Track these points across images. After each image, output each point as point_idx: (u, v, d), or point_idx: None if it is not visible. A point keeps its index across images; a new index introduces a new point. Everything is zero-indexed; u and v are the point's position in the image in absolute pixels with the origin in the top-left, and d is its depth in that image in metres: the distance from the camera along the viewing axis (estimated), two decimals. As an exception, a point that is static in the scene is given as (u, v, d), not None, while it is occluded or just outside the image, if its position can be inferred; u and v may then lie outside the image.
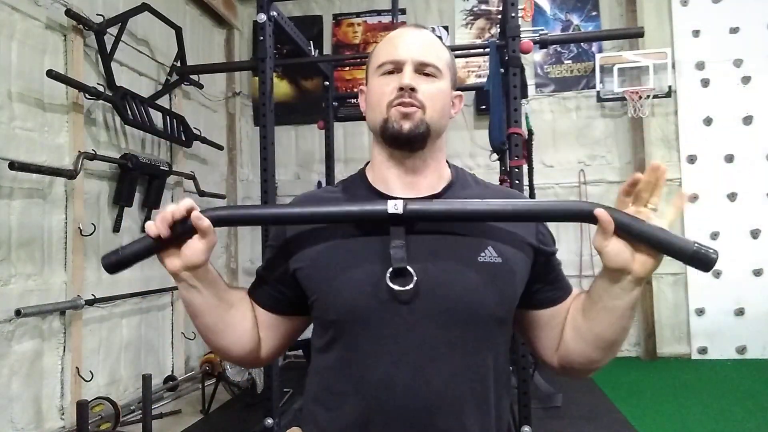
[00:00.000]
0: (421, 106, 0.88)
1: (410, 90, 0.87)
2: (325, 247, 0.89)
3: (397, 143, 0.89)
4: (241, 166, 4.98)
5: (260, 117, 2.82)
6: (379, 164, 0.95)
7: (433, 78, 0.91)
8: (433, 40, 0.94)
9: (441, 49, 0.94)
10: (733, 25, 4.40)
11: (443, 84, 0.92)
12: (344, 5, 5.01)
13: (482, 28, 4.78)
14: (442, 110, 0.92)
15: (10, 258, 2.54)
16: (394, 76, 0.89)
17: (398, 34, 0.94)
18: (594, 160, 4.61)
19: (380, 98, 0.90)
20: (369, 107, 0.93)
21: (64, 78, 2.76)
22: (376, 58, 0.94)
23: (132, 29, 3.44)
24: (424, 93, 0.88)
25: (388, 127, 0.88)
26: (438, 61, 0.91)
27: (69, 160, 2.86)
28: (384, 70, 0.91)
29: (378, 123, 0.90)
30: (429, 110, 0.88)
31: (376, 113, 0.91)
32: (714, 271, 4.31)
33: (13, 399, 2.53)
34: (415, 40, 0.92)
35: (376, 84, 0.92)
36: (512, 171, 2.73)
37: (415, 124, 0.87)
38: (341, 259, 0.87)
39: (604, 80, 4.39)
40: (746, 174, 4.33)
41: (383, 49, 0.94)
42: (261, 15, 2.75)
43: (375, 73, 0.93)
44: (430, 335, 0.83)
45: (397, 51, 0.91)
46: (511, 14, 2.75)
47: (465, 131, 4.72)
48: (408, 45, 0.91)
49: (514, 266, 0.89)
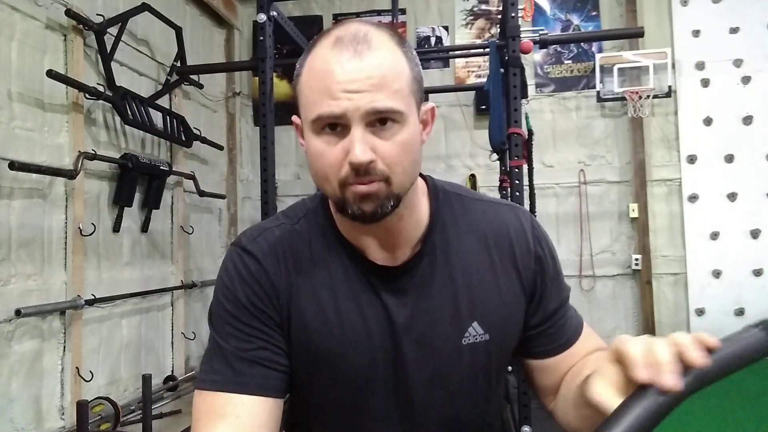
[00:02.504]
0: (384, 177, 0.67)
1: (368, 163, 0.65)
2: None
3: (360, 221, 0.71)
4: (241, 166, 4.97)
5: (260, 117, 2.82)
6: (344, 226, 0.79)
7: (393, 124, 0.67)
8: (385, 63, 0.66)
9: (397, 70, 0.67)
10: (733, 25, 4.40)
11: (408, 129, 0.68)
12: (344, 5, 5.01)
13: (482, 28, 4.77)
14: (412, 165, 0.70)
15: (10, 258, 2.54)
16: (339, 138, 0.66)
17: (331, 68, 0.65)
18: (594, 160, 4.61)
19: (327, 173, 0.68)
20: (314, 173, 0.71)
21: (64, 78, 2.76)
22: (308, 105, 0.68)
23: (132, 29, 3.43)
24: (386, 158, 0.66)
25: (346, 209, 0.69)
26: (397, 100, 0.66)
27: (69, 160, 2.86)
28: (322, 125, 0.67)
29: (331, 198, 0.71)
30: (395, 177, 0.68)
31: (326, 187, 0.70)
32: (714, 271, 4.31)
33: (13, 399, 2.53)
34: (360, 75, 0.64)
35: (316, 147, 0.68)
36: (512, 171, 2.73)
37: (380, 204, 0.68)
38: None
39: (604, 80, 4.39)
40: (746, 174, 4.32)
41: (315, 91, 0.67)
42: (261, 15, 2.75)
43: (310, 128, 0.69)
44: None
45: (337, 100, 0.64)
46: (511, 14, 2.75)
47: (465, 131, 4.72)
48: (351, 87, 0.64)
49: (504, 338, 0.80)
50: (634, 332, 4.44)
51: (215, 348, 0.76)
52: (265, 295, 0.76)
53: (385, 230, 0.76)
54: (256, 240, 0.79)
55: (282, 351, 0.76)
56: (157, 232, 3.71)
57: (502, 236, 0.81)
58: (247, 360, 0.74)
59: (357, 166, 0.65)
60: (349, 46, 0.66)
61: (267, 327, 0.76)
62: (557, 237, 4.51)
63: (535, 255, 0.81)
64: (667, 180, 4.44)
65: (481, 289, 0.78)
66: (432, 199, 0.81)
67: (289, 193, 4.59)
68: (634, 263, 4.40)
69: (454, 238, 0.80)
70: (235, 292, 0.76)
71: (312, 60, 0.69)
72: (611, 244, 4.52)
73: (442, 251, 0.79)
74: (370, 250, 0.78)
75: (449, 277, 0.78)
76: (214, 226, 4.61)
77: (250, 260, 0.77)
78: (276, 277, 0.77)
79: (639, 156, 4.43)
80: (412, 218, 0.78)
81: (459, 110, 4.68)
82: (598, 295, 4.51)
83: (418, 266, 0.78)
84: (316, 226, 0.80)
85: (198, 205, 4.29)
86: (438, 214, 0.80)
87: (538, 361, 0.84)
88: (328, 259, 0.78)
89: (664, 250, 4.44)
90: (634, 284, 4.47)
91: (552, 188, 4.58)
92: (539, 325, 0.83)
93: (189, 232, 4.01)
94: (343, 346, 0.76)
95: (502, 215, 0.83)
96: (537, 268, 0.82)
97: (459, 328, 0.77)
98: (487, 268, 0.80)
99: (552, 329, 0.82)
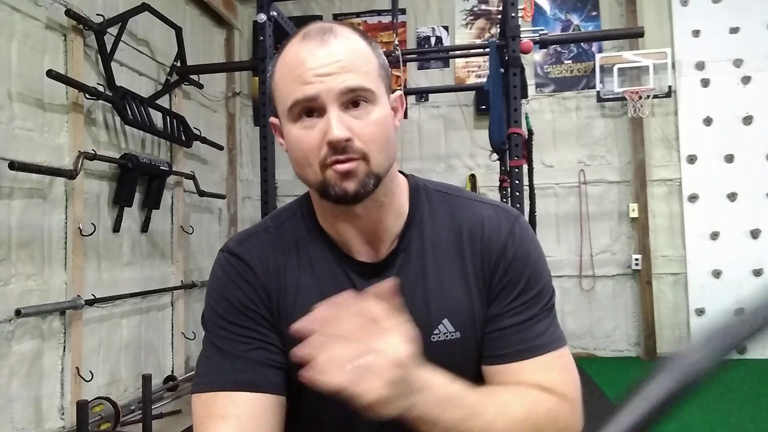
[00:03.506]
0: (362, 155, 0.69)
1: (345, 141, 0.68)
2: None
3: (344, 202, 0.72)
4: (241, 166, 4.98)
5: (260, 117, 2.83)
6: (327, 213, 0.79)
7: (366, 105, 0.70)
8: (352, 48, 0.71)
9: (364, 56, 0.72)
10: (733, 25, 4.40)
11: (380, 108, 0.71)
12: (344, 5, 5.01)
13: (482, 28, 4.77)
14: (387, 144, 0.73)
15: (10, 258, 2.54)
16: (316, 121, 0.69)
17: (302, 58, 0.69)
18: (594, 160, 4.61)
19: (307, 156, 0.70)
20: (295, 162, 0.74)
21: (64, 78, 2.76)
22: (283, 95, 0.72)
23: (132, 29, 3.44)
24: (362, 137, 0.69)
25: (329, 191, 0.71)
26: (367, 80, 0.70)
27: (69, 160, 2.86)
28: (298, 111, 0.70)
29: (313, 184, 0.73)
30: (372, 155, 0.70)
31: (308, 173, 0.72)
32: (714, 271, 4.31)
33: (13, 399, 2.53)
34: (329, 59, 0.68)
35: (294, 135, 0.71)
36: (512, 171, 2.73)
37: (361, 181, 0.70)
38: None
39: (604, 80, 4.39)
40: (746, 174, 4.33)
41: (288, 81, 0.70)
42: (261, 15, 2.76)
43: (287, 117, 0.71)
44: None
45: (309, 84, 0.68)
46: (511, 14, 2.76)
47: (465, 131, 4.72)
48: (321, 71, 0.68)
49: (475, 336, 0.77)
50: (635, 332, 4.45)
51: (211, 351, 0.75)
52: (256, 296, 0.77)
53: (367, 220, 0.76)
54: (243, 243, 0.81)
55: (279, 349, 0.76)
56: (157, 232, 3.71)
57: (476, 231, 0.79)
58: (246, 359, 0.73)
59: (335, 144, 0.68)
60: (317, 37, 0.70)
61: (261, 327, 0.76)
62: (557, 237, 4.51)
63: (500, 250, 0.78)
64: (667, 180, 4.45)
65: (453, 286, 0.77)
66: (412, 196, 0.82)
67: (289, 193, 4.58)
68: (634, 263, 4.40)
69: (429, 233, 0.79)
70: (226, 296, 0.77)
71: (283, 57, 0.73)
72: (611, 244, 4.53)
73: (418, 247, 0.79)
74: (354, 245, 0.78)
75: (422, 274, 0.78)
76: (214, 226, 4.61)
77: (238, 263, 0.78)
78: (265, 278, 0.78)
79: (639, 156, 4.43)
80: (392, 209, 0.79)
81: (459, 110, 4.69)
82: (598, 295, 4.51)
83: (395, 262, 0.78)
84: (302, 226, 0.81)
85: (198, 205, 4.29)
86: (417, 210, 0.81)
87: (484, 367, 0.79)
88: (313, 258, 0.79)
89: (664, 250, 4.44)
90: (634, 284, 4.47)
91: (552, 188, 4.58)
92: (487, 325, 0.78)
93: (189, 232, 4.01)
94: None
95: (483, 212, 0.81)
96: (497, 262, 0.78)
97: (429, 325, 0.75)
98: (459, 264, 0.78)
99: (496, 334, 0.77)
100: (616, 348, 4.47)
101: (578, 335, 4.47)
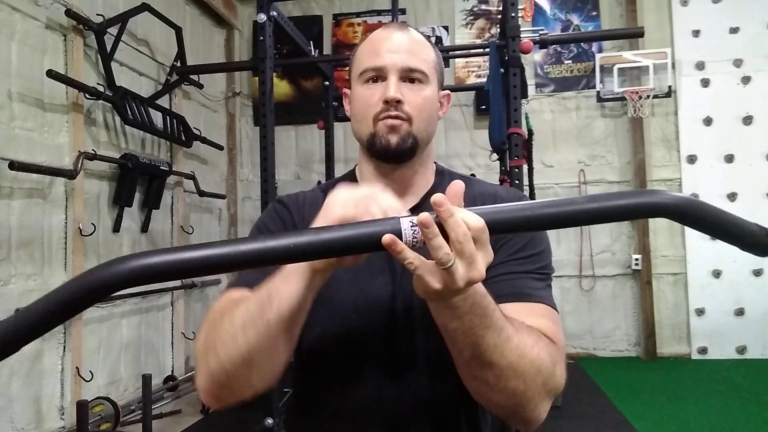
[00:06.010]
0: (408, 118, 0.86)
1: (396, 102, 0.84)
2: None
3: (385, 157, 0.87)
4: (241, 166, 4.98)
5: (260, 117, 2.82)
6: (367, 175, 0.93)
7: (420, 84, 0.88)
8: (419, 41, 0.90)
9: (427, 50, 0.90)
10: (733, 25, 4.40)
11: (430, 90, 0.89)
12: (344, 5, 5.01)
13: (482, 28, 4.77)
14: (429, 119, 0.89)
15: (10, 258, 2.54)
16: (379, 85, 0.86)
17: (381, 37, 0.89)
18: (594, 160, 4.61)
19: (366, 110, 0.87)
20: (354, 118, 0.91)
21: (64, 78, 2.76)
22: (359, 63, 0.90)
23: (132, 29, 3.44)
24: (411, 103, 0.86)
25: (375, 141, 0.86)
26: (424, 65, 0.88)
27: (69, 160, 2.86)
28: (367, 77, 0.88)
29: (365, 136, 0.88)
30: (416, 121, 0.86)
31: (363, 126, 0.88)
32: (714, 271, 4.31)
33: (13, 399, 2.53)
34: (400, 43, 0.88)
35: (360, 93, 0.89)
36: (512, 171, 2.73)
37: (402, 137, 0.85)
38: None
39: (604, 80, 4.39)
40: (746, 174, 4.33)
41: (365, 53, 0.89)
42: (261, 15, 2.75)
43: (358, 80, 0.89)
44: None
45: (381, 57, 0.87)
46: (511, 14, 2.76)
47: (465, 131, 4.72)
48: (392, 50, 0.87)
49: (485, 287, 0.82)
50: (635, 332, 4.45)
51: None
52: (292, 225, 0.92)
53: (401, 182, 0.90)
54: (289, 196, 0.99)
55: None
56: (157, 232, 3.71)
57: (488, 198, 0.91)
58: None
59: (390, 100, 0.84)
60: (396, 28, 0.91)
61: None
62: (557, 237, 4.51)
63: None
64: (667, 180, 4.45)
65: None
66: (437, 174, 0.97)
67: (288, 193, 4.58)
68: (634, 263, 4.40)
69: None
70: (267, 225, 0.94)
71: (368, 37, 0.92)
72: (611, 244, 4.53)
73: None
74: None
75: None
76: (214, 226, 4.61)
77: (280, 207, 0.96)
78: (299, 220, 0.93)
79: (639, 156, 4.43)
80: (423, 178, 0.93)
81: (459, 110, 4.68)
82: (598, 295, 4.51)
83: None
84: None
85: (198, 205, 4.29)
86: (440, 183, 0.95)
87: None
88: None
89: (664, 250, 4.44)
90: (634, 284, 4.47)
91: (552, 188, 4.58)
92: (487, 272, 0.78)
93: (189, 232, 4.01)
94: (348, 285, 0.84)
95: (497, 189, 0.96)
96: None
97: None
98: None
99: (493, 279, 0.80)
100: (616, 348, 4.47)
101: (578, 335, 4.47)
